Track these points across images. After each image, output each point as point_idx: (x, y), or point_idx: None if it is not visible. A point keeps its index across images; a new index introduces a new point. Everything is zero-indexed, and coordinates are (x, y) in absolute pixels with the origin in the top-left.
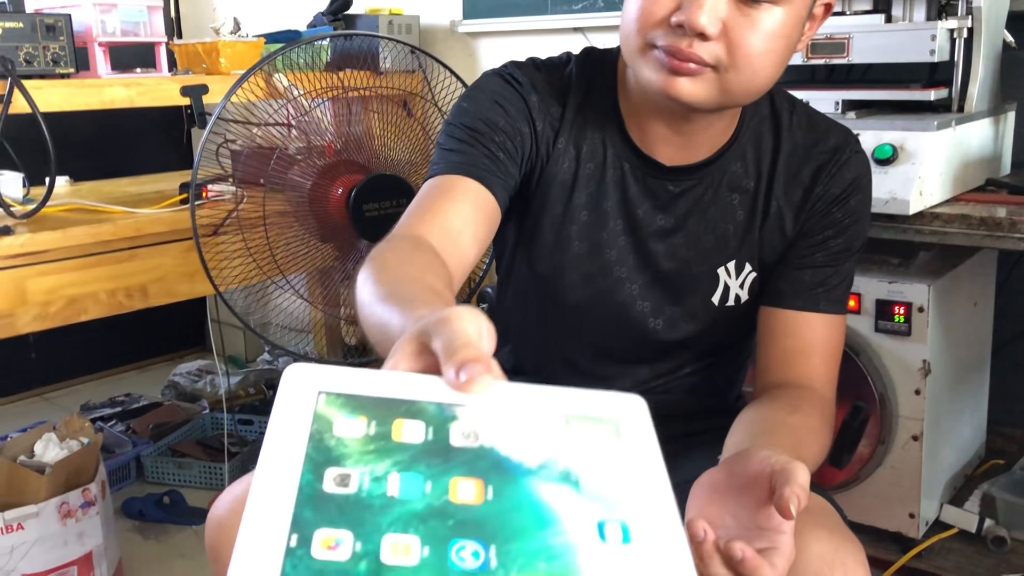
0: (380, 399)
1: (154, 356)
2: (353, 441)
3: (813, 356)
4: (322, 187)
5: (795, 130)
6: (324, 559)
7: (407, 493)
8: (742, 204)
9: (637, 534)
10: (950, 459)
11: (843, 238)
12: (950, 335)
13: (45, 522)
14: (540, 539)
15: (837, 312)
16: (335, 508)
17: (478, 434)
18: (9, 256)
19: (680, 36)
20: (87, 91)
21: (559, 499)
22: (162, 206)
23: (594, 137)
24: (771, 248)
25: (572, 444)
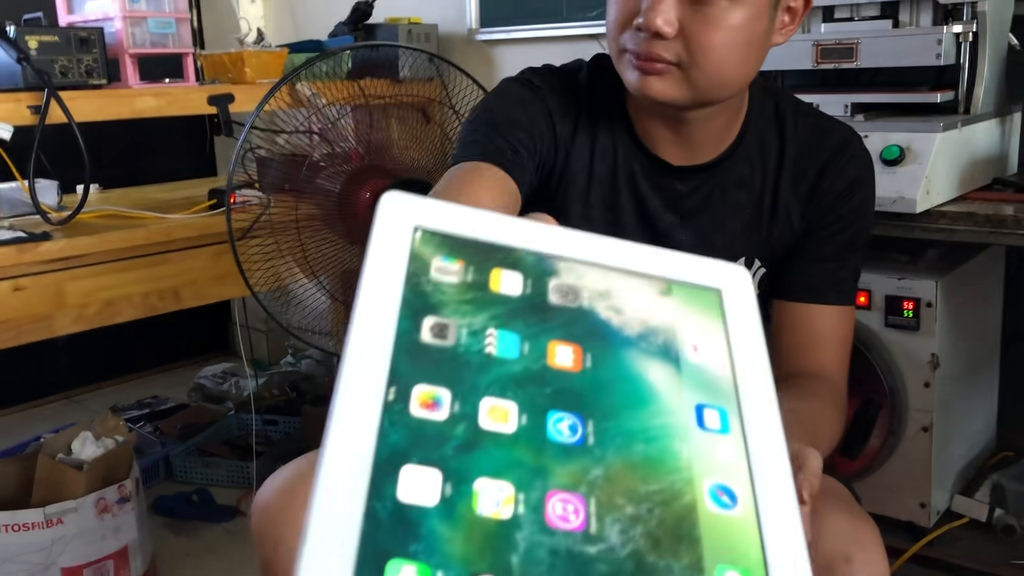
0: (478, 242)
1: (179, 360)
2: (450, 288)
3: (824, 346)
4: (351, 191)
5: (800, 131)
6: (422, 417)
7: (505, 352)
8: (750, 203)
9: (735, 423)
10: (960, 450)
11: (849, 233)
12: (958, 329)
13: (83, 517)
14: (638, 418)
15: (846, 303)
16: (432, 362)
17: (578, 293)
18: (48, 261)
19: (644, 38)
20: (119, 101)
21: (659, 376)
22: (192, 211)
23: (605, 139)
24: (780, 245)
25: (673, 314)
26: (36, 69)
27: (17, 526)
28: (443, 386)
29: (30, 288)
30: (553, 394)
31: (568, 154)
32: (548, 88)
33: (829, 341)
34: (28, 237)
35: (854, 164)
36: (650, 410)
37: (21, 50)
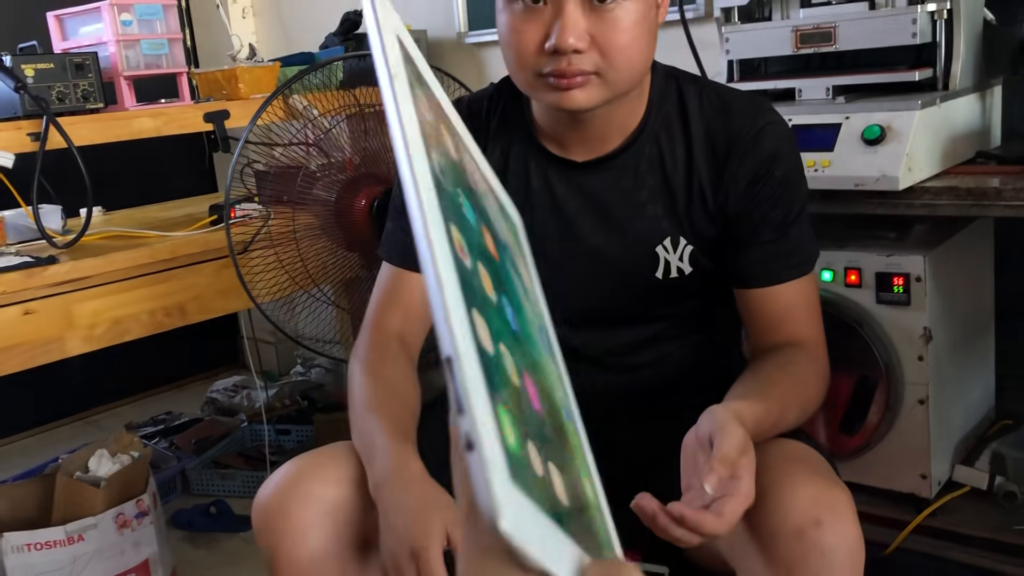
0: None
1: (190, 375)
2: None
3: (793, 318)
4: (346, 200)
5: (705, 110)
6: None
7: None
8: (665, 184)
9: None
10: (959, 421)
11: (780, 209)
12: (949, 302)
13: (103, 532)
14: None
15: (801, 274)
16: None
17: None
18: (55, 284)
19: (558, 59)
20: (117, 124)
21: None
22: (193, 228)
23: (516, 152)
24: (701, 223)
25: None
26: (34, 96)
27: (40, 544)
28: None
29: (39, 311)
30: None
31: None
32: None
33: (796, 312)
34: (35, 262)
35: (765, 139)
36: None
37: (18, 79)
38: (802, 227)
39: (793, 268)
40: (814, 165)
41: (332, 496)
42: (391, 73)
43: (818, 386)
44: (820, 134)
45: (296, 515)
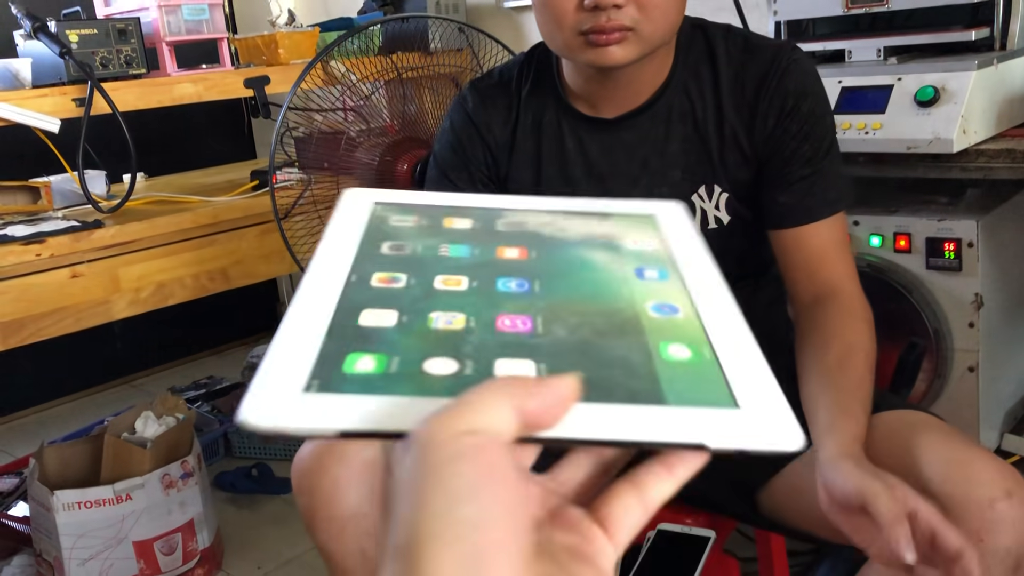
0: (432, 206)
1: (231, 341)
2: (407, 228)
3: (828, 258)
4: (389, 164)
5: (732, 55)
6: (381, 287)
7: (457, 253)
8: (697, 133)
9: (674, 275)
10: (1009, 389)
11: (810, 143)
12: (1002, 268)
13: (150, 492)
14: (581, 277)
15: (834, 212)
16: (391, 262)
17: (523, 224)
18: (102, 248)
19: (598, 14)
20: (159, 89)
21: (600, 255)
22: (235, 193)
23: (548, 117)
24: (736, 168)
25: (611, 228)
26: (78, 62)
27: (89, 503)
28: (401, 272)
29: (87, 275)
30: (502, 269)
31: (511, 152)
32: (481, 107)
33: (831, 252)
34: (81, 226)
35: (790, 76)
36: (592, 272)
37: (63, 44)
38: (833, 162)
39: (828, 205)
40: (864, 128)
41: (368, 454)
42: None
43: (867, 338)
44: (871, 96)
45: (333, 473)
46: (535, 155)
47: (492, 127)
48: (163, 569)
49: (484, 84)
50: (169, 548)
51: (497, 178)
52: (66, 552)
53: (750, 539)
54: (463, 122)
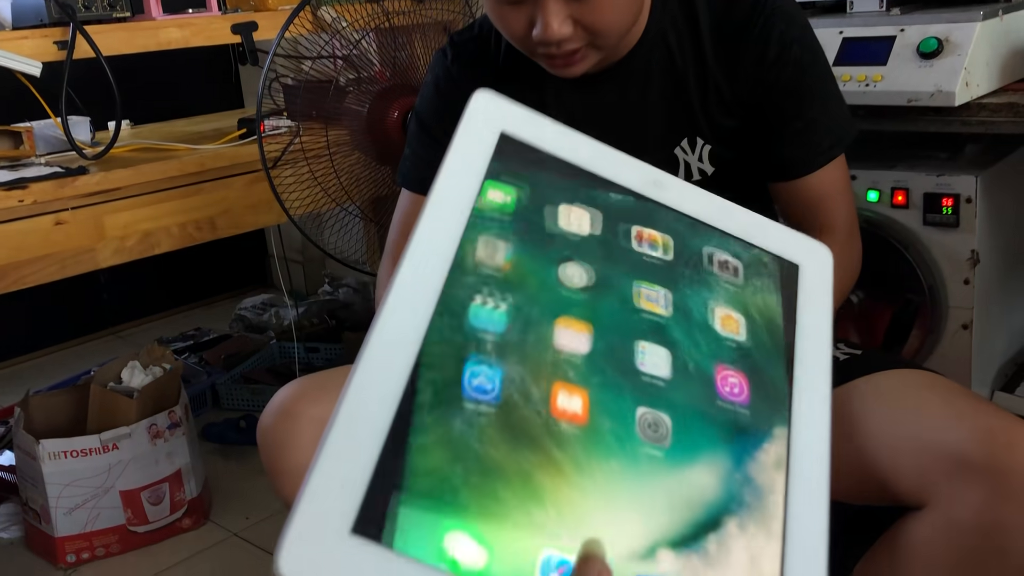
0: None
1: (219, 293)
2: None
3: (827, 202)
4: (379, 111)
5: (712, 4)
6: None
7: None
8: (677, 85)
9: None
10: (1001, 347)
11: (798, 95)
12: (999, 225)
13: (137, 442)
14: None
15: (830, 159)
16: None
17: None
18: (86, 194)
19: (547, 45)
20: (144, 34)
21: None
22: (222, 142)
23: (527, 72)
24: (719, 117)
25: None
26: (60, 3)
27: (75, 452)
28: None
29: (71, 222)
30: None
31: None
32: (460, 61)
33: (831, 196)
34: (65, 172)
35: (772, 24)
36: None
37: None
38: (829, 106)
39: (825, 152)
40: (865, 80)
41: (318, 411)
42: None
43: (849, 271)
44: (872, 47)
45: (287, 428)
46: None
47: (472, 82)
48: (150, 519)
49: (463, 38)
50: (156, 498)
51: None
52: (52, 501)
53: None
54: (443, 77)
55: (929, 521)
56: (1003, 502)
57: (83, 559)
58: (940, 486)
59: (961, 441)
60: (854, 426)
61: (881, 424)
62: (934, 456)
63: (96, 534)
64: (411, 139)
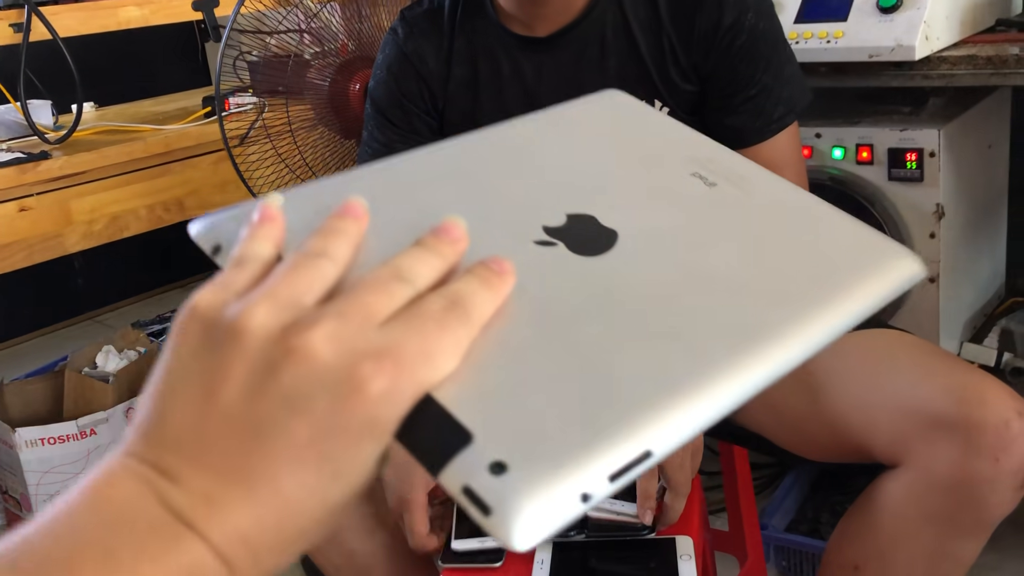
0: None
1: (195, 274)
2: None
3: (780, 172)
4: (340, 84)
5: None
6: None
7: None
8: (632, 49)
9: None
10: (968, 299)
11: (752, 61)
12: (963, 178)
13: (115, 427)
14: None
15: (783, 127)
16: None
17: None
18: (50, 180)
19: None
20: (102, 13)
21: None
22: (187, 121)
23: (482, 41)
24: (676, 82)
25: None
26: None
27: (53, 439)
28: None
29: (36, 208)
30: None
31: (447, 82)
32: (412, 38)
33: (785, 165)
34: (27, 157)
35: None
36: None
37: None
38: (779, 77)
39: (775, 122)
40: (826, 36)
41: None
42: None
43: None
44: (833, 4)
45: None
46: (472, 82)
47: (425, 58)
48: None
49: (414, 13)
50: None
51: (435, 110)
52: (32, 488)
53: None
54: (395, 56)
55: (905, 479)
56: (976, 457)
57: None
58: (914, 444)
59: (933, 399)
60: (826, 388)
61: (853, 385)
62: (907, 415)
63: None
64: (367, 121)
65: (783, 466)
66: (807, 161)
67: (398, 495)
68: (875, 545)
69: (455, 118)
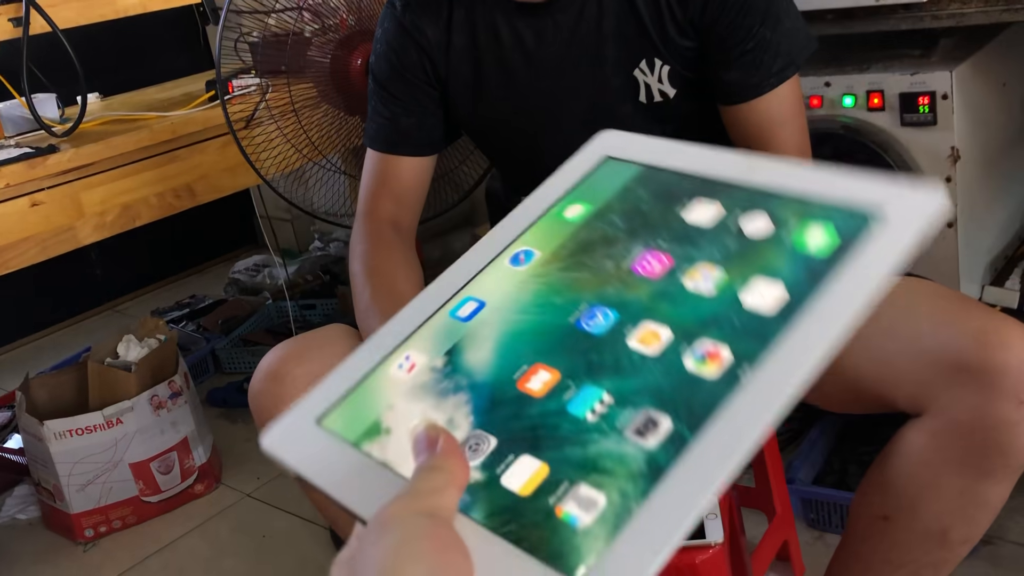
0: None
1: (210, 259)
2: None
3: (778, 127)
4: (341, 60)
5: None
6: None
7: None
8: (630, 8)
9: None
10: (988, 243)
11: (749, 14)
12: (978, 119)
13: (140, 414)
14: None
15: (782, 81)
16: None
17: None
18: (60, 173)
19: None
20: (100, 2)
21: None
22: (192, 106)
23: (481, 9)
24: (675, 39)
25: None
26: None
27: (80, 430)
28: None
29: (47, 202)
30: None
31: (447, 51)
32: (410, 9)
33: (783, 122)
34: (35, 152)
35: None
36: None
37: None
38: (778, 28)
39: (775, 75)
40: None
41: (321, 376)
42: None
43: None
44: None
45: (277, 394)
46: (471, 50)
47: (424, 29)
48: (163, 487)
49: None
50: (166, 467)
51: (437, 80)
52: (64, 479)
53: None
54: (394, 29)
55: (929, 427)
56: (1000, 400)
57: (101, 532)
58: (937, 391)
59: (954, 345)
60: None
61: (873, 335)
62: (928, 362)
63: (111, 507)
64: (371, 96)
65: (808, 420)
66: (817, 111)
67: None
68: (903, 494)
69: (458, 87)
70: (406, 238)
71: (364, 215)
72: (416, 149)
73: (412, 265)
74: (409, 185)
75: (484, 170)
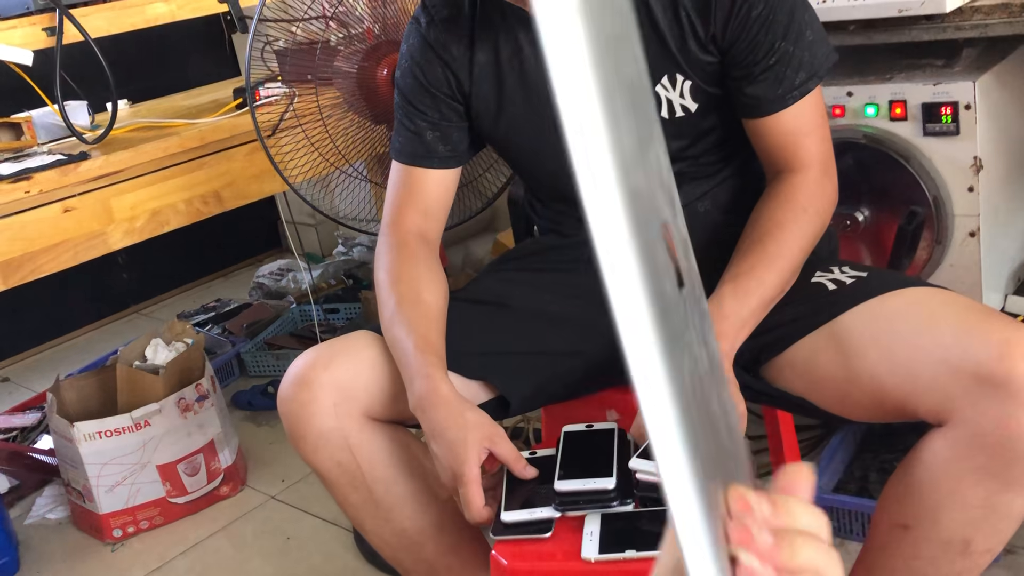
0: None
1: (235, 263)
2: None
3: (802, 139)
4: (368, 70)
5: None
6: None
7: None
8: (652, 22)
9: None
10: (1011, 251)
11: (771, 29)
12: (1001, 129)
13: (168, 417)
14: None
15: (805, 93)
16: None
17: None
18: (91, 179)
19: None
20: (130, 12)
21: None
22: (220, 114)
23: (503, 25)
24: (697, 55)
25: None
26: None
27: (109, 432)
28: None
29: (79, 208)
30: None
31: (471, 66)
32: (434, 25)
33: (805, 132)
34: (68, 159)
35: None
36: None
37: None
38: (800, 42)
39: (797, 88)
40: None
41: (347, 382)
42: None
43: (822, 212)
44: None
45: (303, 398)
46: (494, 67)
47: (448, 45)
48: (189, 489)
49: (435, 1)
50: (193, 469)
51: (461, 95)
52: (93, 480)
53: (758, 416)
54: (419, 44)
55: (951, 437)
56: (1021, 411)
57: (129, 533)
58: (960, 401)
59: (977, 355)
60: (869, 349)
61: (896, 345)
62: (951, 373)
63: (139, 508)
64: (397, 110)
65: (829, 428)
66: (840, 121)
67: (451, 470)
68: (924, 504)
69: (481, 102)
70: (431, 248)
71: (390, 226)
72: (441, 162)
73: (437, 275)
74: (434, 197)
75: (507, 178)
